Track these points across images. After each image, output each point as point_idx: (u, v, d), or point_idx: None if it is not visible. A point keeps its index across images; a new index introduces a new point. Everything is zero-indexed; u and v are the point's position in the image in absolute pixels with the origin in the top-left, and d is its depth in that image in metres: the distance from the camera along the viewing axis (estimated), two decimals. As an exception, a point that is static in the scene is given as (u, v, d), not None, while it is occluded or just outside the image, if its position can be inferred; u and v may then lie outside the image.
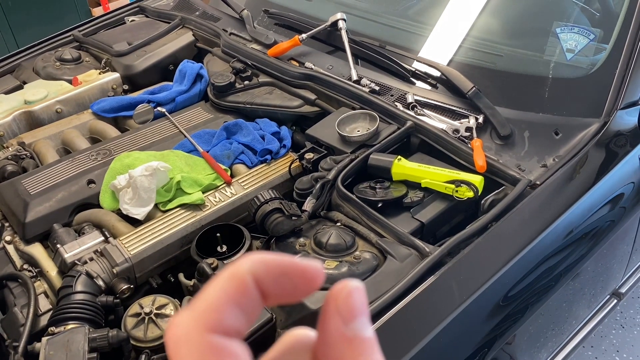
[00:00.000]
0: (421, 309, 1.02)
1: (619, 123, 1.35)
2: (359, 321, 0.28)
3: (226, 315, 0.27)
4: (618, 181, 1.34)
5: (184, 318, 0.27)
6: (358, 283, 0.29)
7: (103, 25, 2.16)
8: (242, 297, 0.27)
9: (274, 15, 1.89)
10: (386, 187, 1.25)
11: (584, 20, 1.48)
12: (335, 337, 0.28)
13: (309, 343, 0.30)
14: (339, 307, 0.28)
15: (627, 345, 2.15)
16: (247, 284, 0.28)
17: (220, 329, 0.26)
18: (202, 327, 0.26)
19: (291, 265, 0.29)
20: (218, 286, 0.27)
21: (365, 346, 0.28)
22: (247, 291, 0.28)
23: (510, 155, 1.30)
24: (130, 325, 1.06)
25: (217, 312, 0.27)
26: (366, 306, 0.29)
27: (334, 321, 0.28)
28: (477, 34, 1.56)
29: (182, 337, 0.26)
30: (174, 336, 0.26)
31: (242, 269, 0.28)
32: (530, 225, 1.16)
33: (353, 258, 1.10)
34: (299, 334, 0.30)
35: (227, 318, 0.27)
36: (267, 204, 1.19)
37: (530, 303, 1.18)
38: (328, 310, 0.29)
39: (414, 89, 1.51)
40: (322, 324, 0.29)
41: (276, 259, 0.29)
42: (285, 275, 0.29)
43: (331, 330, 0.28)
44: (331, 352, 0.28)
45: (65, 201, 1.32)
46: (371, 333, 0.29)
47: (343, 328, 0.28)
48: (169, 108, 1.66)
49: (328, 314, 0.29)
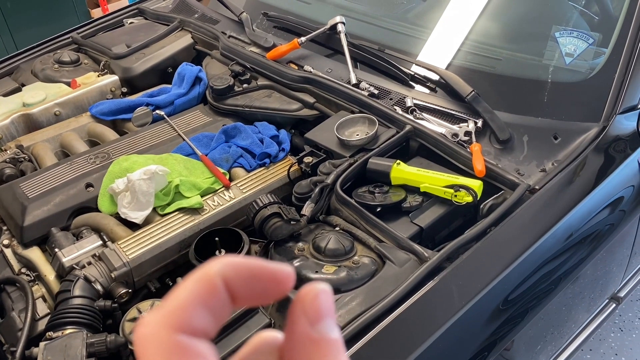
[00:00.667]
0: (420, 314, 1.02)
1: (618, 127, 1.35)
2: (325, 323, 0.29)
3: (194, 316, 0.27)
4: (617, 185, 1.34)
5: (152, 317, 0.27)
6: (325, 286, 0.30)
7: (102, 28, 2.15)
8: (210, 299, 0.28)
9: (273, 18, 1.89)
10: (385, 192, 1.25)
11: (583, 24, 1.48)
12: (302, 338, 0.29)
13: (276, 344, 0.30)
14: (305, 308, 0.29)
15: (626, 349, 2.15)
16: (216, 285, 0.28)
17: (187, 329, 0.27)
18: (169, 327, 0.27)
19: (261, 268, 0.29)
20: (187, 287, 0.28)
21: (331, 347, 0.28)
22: (216, 293, 0.28)
23: (509, 159, 1.30)
24: (128, 330, 1.05)
25: (185, 312, 0.27)
26: (333, 308, 0.30)
27: (300, 322, 0.29)
28: (476, 37, 1.56)
29: (149, 336, 0.27)
30: (141, 335, 0.27)
31: (212, 271, 0.28)
32: (529, 230, 1.16)
33: (352, 263, 1.09)
34: (267, 335, 0.31)
35: (195, 318, 0.27)
36: (265, 208, 1.19)
37: (529, 307, 1.18)
38: (295, 312, 0.29)
39: (413, 92, 1.51)
40: (289, 325, 0.29)
41: (246, 261, 0.29)
42: (255, 277, 0.29)
43: (298, 331, 0.29)
44: (297, 353, 0.28)
45: (63, 205, 1.32)
46: (337, 335, 0.29)
47: (309, 329, 0.29)
48: (167, 111, 1.66)
49: (295, 315, 0.29)
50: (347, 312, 1.00)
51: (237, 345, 0.98)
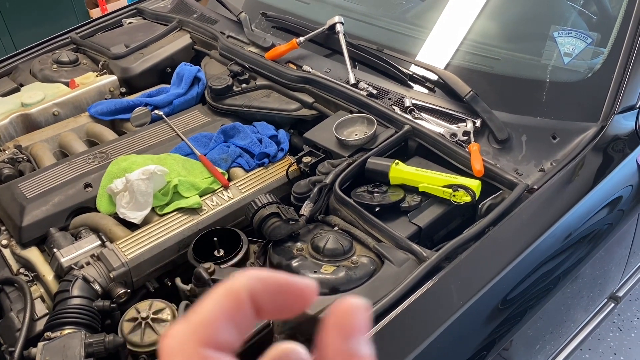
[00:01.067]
0: (419, 314, 1.02)
1: (616, 127, 1.35)
2: (359, 339, 0.28)
3: (220, 330, 0.27)
4: (616, 184, 1.34)
5: (179, 330, 0.27)
6: (362, 301, 0.30)
7: (100, 28, 2.15)
8: (236, 313, 0.28)
9: (272, 18, 1.89)
10: (384, 192, 1.25)
11: (582, 23, 1.48)
12: (334, 353, 0.28)
13: (298, 358, 0.30)
14: (339, 322, 0.29)
15: (625, 348, 2.15)
16: (242, 300, 0.28)
17: (213, 344, 0.27)
18: (196, 341, 0.27)
19: (287, 282, 0.29)
20: (214, 301, 0.28)
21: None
22: (242, 307, 0.28)
23: (508, 159, 1.30)
24: (127, 330, 1.05)
25: (212, 327, 0.27)
26: (367, 324, 0.29)
27: (333, 336, 0.28)
28: (474, 37, 1.56)
29: (176, 349, 0.27)
30: (168, 347, 0.27)
31: (239, 285, 0.28)
32: (527, 230, 1.16)
33: (350, 263, 1.09)
34: (288, 348, 0.30)
35: (220, 333, 0.27)
36: (264, 208, 1.19)
37: (528, 306, 1.18)
38: (329, 325, 0.29)
39: (411, 92, 1.51)
40: (322, 338, 0.29)
41: (273, 276, 0.29)
42: (281, 292, 0.29)
43: (330, 345, 0.28)
44: None
45: (61, 205, 1.32)
46: (370, 352, 0.29)
47: (342, 344, 0.28)
48: (166, 111, 1.66)
49: (328, 328, 0.29)
50: (346, 311, 1.00)
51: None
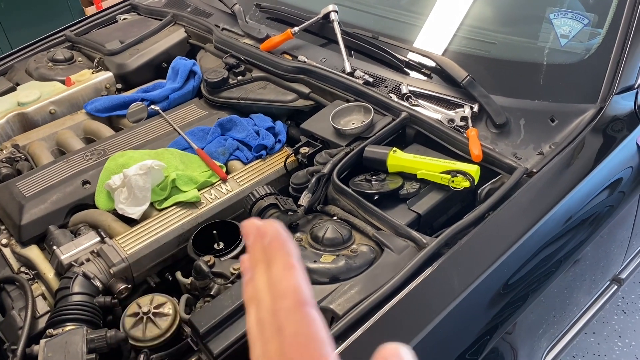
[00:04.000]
0: (420, 300, 1.01)
1: (615, 108, 1.34)
2: None
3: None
4: (616, 166, 1.33)
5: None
6: (408, 349, 0.33)
7: (95, 24, 2.15)
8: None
9: (266, 9, 1.88)
10: (382, 180, 1.25)
11: (578, 4, 1.47)
12: None
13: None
14: None
15: (629, 331, 2.15)
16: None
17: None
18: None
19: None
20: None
21: None
22: None
23: (506, 143, 1.30)
24: (128, 325, 1.05)
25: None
26: None
27: None
28: (470, 22, 1.55)
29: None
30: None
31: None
32: (527, 213, 1.16)
33: (350, 251, 1.09)
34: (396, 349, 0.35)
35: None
36: (262, 199, 1.19)
37: (530, 290, 1.17)
38: None
39: (408, 79, 1.50)
40: None
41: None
42: None
43: None
44: None
45: (60, 202, 1.32)
46: None
47: None
48: (162, 106, 1.66)
49: None
50: (347, 300, 1.00)
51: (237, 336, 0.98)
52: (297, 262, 0.38)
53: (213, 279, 1.09)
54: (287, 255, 0.38)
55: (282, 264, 0.37)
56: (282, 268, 0.37)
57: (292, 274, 0.37)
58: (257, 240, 0.39)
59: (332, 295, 1.01)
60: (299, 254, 0.39)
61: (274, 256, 0.38)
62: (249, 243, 0.40)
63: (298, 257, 0.38)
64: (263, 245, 0.39)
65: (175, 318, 1.06)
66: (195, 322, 0.97)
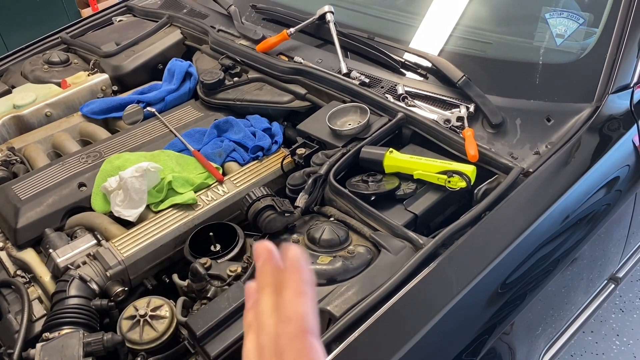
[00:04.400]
0: (417, 301, 1.01)
1: (611, 107, 1.34)
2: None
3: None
4: (613, 165, 1.33)
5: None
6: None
7: (91, 26, 2.14)
8: None
9: (262, 10, 1.88)
10: (378, 180, 1.25)
11: (573, 4, 1.47)
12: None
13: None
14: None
15: (627, 329, 2.16)
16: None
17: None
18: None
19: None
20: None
21: None
22: None
23: (503, 143, 1.30)
24: (125, 328, 1.05)
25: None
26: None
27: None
28: (466, 22, 1.55)
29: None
30: None
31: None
32: (524, 213, 1.16)
33: (347, 252, 1.09)
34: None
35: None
36: (259, 201, 1.18)
37: (528, 289, 1.17)
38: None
39: (404, 80, 1.50)
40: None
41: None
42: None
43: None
44: None
45: (56, 205, 1.31)
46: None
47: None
48: (158, 108, 1.65)
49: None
50: (344, 301, 1.00)
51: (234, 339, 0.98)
52: (310, 290, 0.38)
53: (210, 281, 1.09)
54: (302, 282, 0.38)
55: (295, 289, 0.38)
56: (294, 293, 0.37)
57: (303, 301, 0.37)
58: (266, 263, 0.39)
59: (329, 296, 1.01)
60: (315, 283, 0.39)
61: (288, 279, 0.38)
62: (259, 265, 0.40)
63: (312, 286, 0.38)
64: (272, 268, 0.39)
65: (172, 321, 1.05)
66: (192, 324, 0.97)
